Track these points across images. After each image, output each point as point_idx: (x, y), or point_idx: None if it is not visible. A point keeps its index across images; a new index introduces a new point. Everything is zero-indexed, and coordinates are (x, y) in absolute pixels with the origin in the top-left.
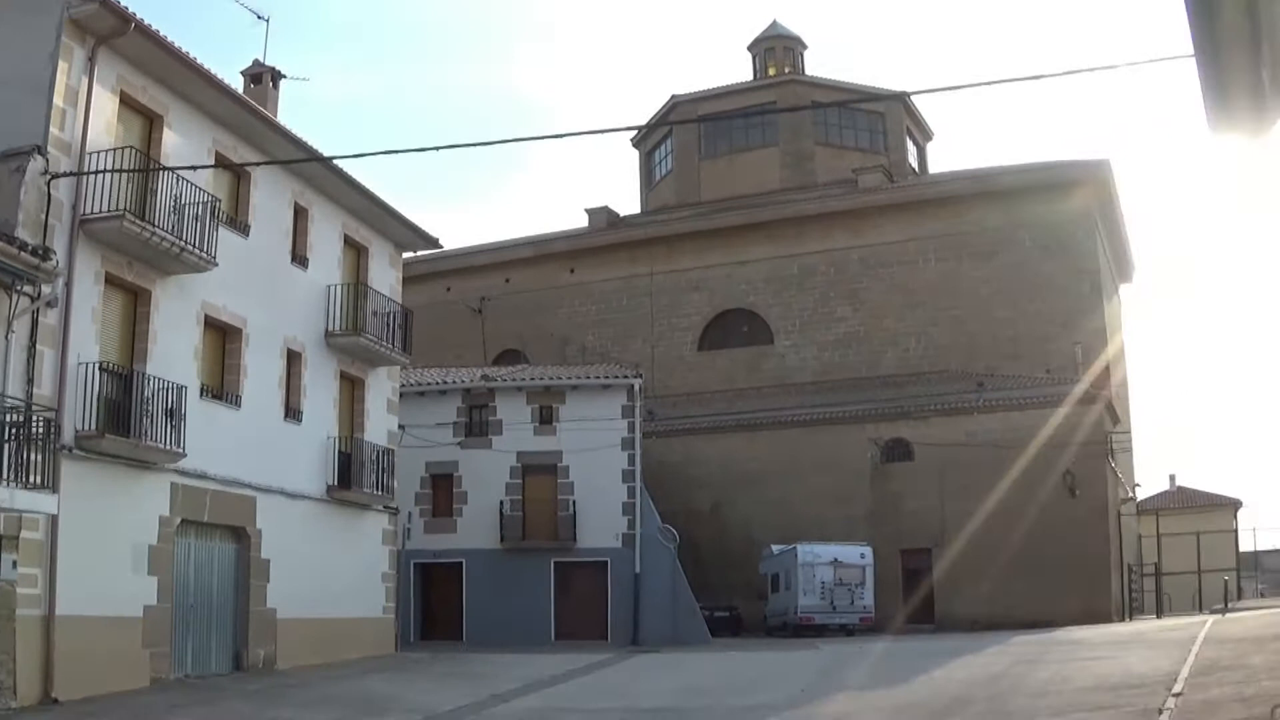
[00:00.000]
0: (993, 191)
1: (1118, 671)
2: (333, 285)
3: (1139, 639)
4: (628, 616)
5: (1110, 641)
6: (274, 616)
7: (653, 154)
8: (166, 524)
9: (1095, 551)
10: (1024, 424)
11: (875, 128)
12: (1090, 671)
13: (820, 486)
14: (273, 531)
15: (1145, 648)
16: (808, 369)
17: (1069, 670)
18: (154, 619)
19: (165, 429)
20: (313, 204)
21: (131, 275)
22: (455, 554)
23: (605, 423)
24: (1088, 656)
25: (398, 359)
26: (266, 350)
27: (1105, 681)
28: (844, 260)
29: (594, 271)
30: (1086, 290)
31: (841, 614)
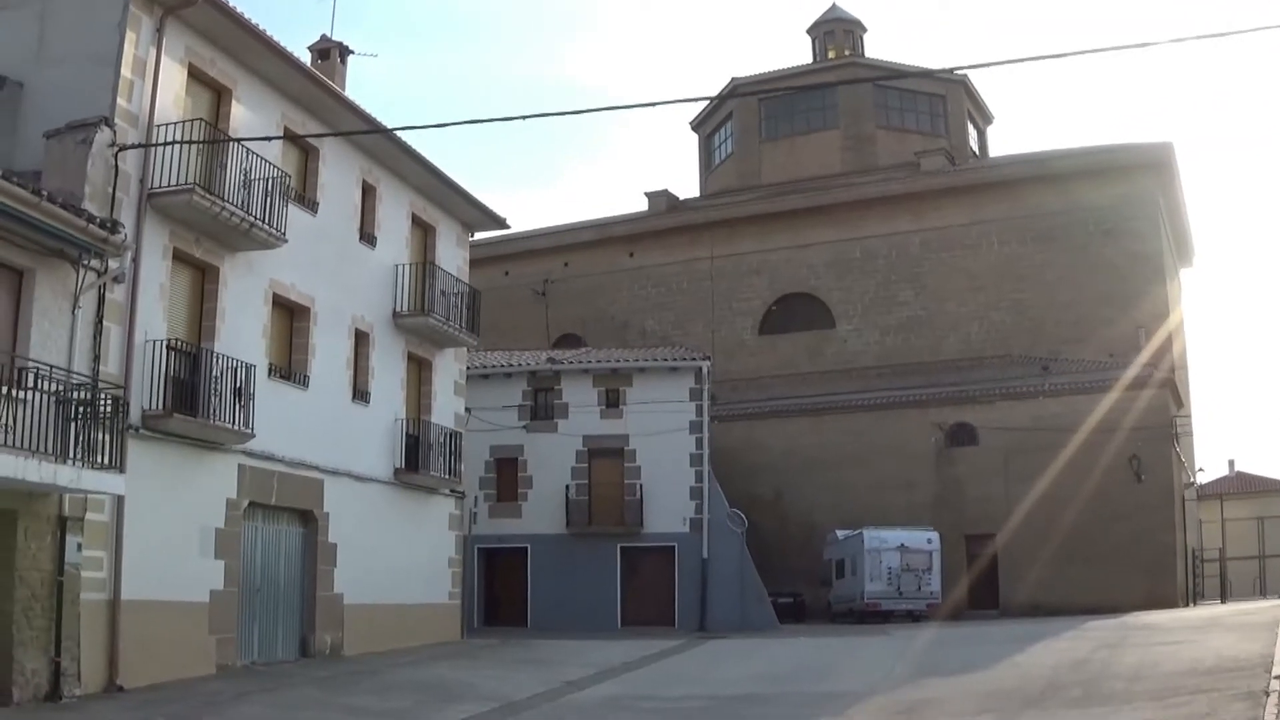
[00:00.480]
0: (1054, 175)
1: (1207, 655)
2: (400, 265)
3: (1216, 624)
4: (695, 603)
5: (1187, 626)
6: (341, 602)
7: (712, 138)
8: (234, 506)
9: (1161, 537)
10: (1089, 408)
11: (936, 110)
12: (1178, 656)
13: (884, 472)
14: (340, 515)
15: (1226, 632)
16: (869, 353)
17: (1155, 654)
18: (220, 604)
19: (233, 409)
20: (380, 181)
21: (199, 251)
22: (520, 539)
23: (672, 405)
24: (1169, 641)
25: (465, 340)
26: (334, 330)
27: (1198, 665)
28: (905, 244)
29: (654, 255)
30: (1149, 273)
31: (908, 600)
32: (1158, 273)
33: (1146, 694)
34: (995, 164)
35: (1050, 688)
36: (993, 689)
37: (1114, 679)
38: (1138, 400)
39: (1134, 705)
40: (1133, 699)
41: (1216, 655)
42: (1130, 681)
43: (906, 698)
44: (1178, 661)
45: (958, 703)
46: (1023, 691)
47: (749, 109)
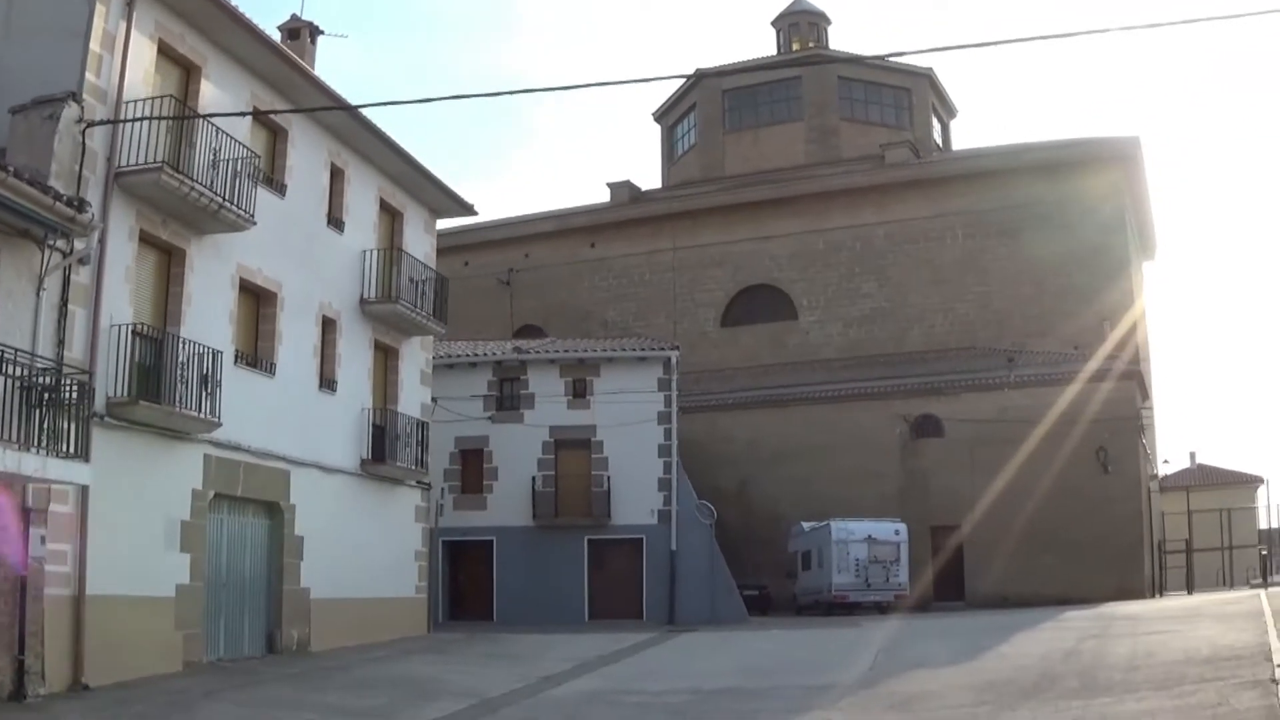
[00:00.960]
0: (1019, 168)
1: (1200, 645)
2: (368, 250)
3: (1196, 614)
4: (663, 595)
5: (1168, 617)
6: (307, 596)
7: (675, 129)
8: (200, 498)
9: (1128, 528)
10: (1055, 399)
11: (900, 103)
12: (1169, 646)
13: (849, 463)
14: (306, 507)
15: (1212, 622)
16: (832, 345)
17: (1145, 644)
18: (187, 599)
19: (200, 397)
20: (349, 165)
21: (166, 233)
22: (485, 532)
23: (640, 396)
24: (1155, 631)
25: (433, 328)
26: (302, 316)
27: (1193, 655)
28: (870, 236)
29: (616, 246)
30: (1113, 266)
31: (876, 591)
32: (1122, 266)
33: (1148, 683)
34: (960, 157)
35: (1045, 678)
36: (986, 680)
37: (1109, 669)
38: (1104, 392)
39: (1138, 695)
40: (1135, 688)
41: (1210, 645)
42: (1127, 671)
43: (899, 690)
44: (1171, 651)
45: (952, 694)
46: (1017, 682)
47: (712, 100)
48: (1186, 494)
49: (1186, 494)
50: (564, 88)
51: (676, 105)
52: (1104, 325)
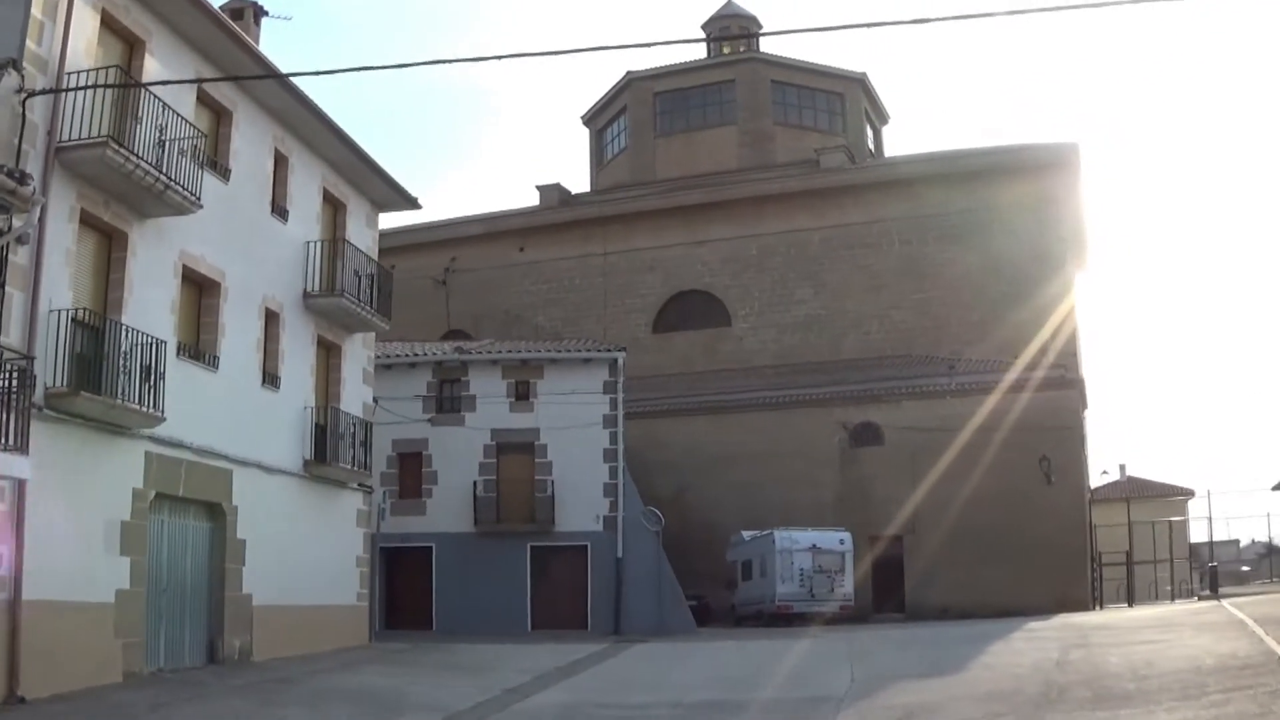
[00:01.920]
0: (959, 174)
1: (1200, 654)
2: (312, 242)
3: (1170, 624)
4: (609, 604)
5: (1142, 627)
6: (250, 603)
7: (604, 133)
8: (140, 498)
9: (1071, 539)
10: (998, 408)
11: (834, 108)
12: (1167, 655)
13: (788, 471)
14: (249, 509)
15: (1195, 632)
16: (767, 352)
17: (1139, 654)
18: (127, 605)
19: (142, 389)
20: (293, 152)
21: (108, 215)
22: (424, 538)
23: (585, 398)
24: (1140, 641)
25: (377, 324)
26: (245, 308)
27: (1199, 664)
28: (805, 241)
29: (546, 250)
30: (1053, 275)
31: (821, 602)
32: (1061, 274)
33: (1167, 692)
34: (898, 162)
35: (1050, 688)
36: (987, 691)
37: (1114, 679)
38: (1047, 400)
39: (1165, 705)
40: (1154, 698)
41: (1211, 654)
42: (1137, 681)
43: (898, 702)
44: (1171, 660)
45: (958, 706)
46: (1023, 693)
47: (644, 103)
48: (1127, 505)
49: (1127, 505)
50: (526, 54)
51: (606, 109)
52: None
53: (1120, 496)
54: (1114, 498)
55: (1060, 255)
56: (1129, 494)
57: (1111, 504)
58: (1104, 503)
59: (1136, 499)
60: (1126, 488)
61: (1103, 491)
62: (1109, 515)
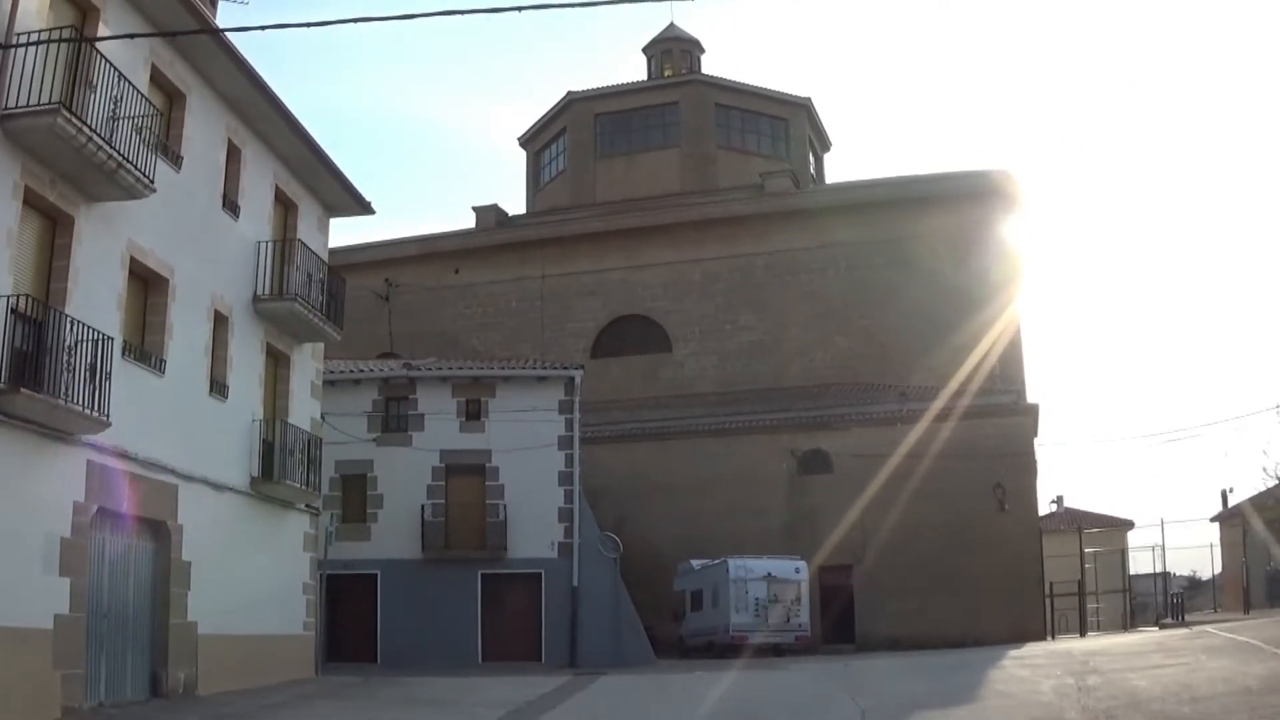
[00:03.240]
0: (905, 199)
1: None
2: (263, 242)
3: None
4: (564, 635)
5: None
6: (195, 632)
7: (541, 154)
8: (81, 512)
9: (1026, 568)
10: (949, 434)
11: (778, 133)
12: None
13: (733, 499)
14: (194, 528)
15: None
16: (708, 379)
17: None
18: (66, 632)
19: (87, 390)
20: (246, 143)
21: (54, 195)
22: (368, 565)
23: (540, 418)
24: (1151, 665)
25: (329, 334)
26: (193, 309)
27: (1240, 684)
28: (748, 266)
29: (481, 273)
30: (999, 301)
31: (776, 632)
32: (1009, 301)
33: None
34: (844, 188)
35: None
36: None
37: (1159, 701)
38: (999, 427)
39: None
40: None
41: (1247, 675)
42: (1188, 704)
43: None
44: (1207, 683)
45: None
46: None
47: (584, 124)
48: (1079, 535)
49: (1079, 535)
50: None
51: (544, 130)
52: (994, 363)
53: (1061, 527)
54: (1053, 529)
55: (1006, 281)
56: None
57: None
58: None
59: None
60: (1064, 518)
61: (1043, 522)
62: (1051, 546)
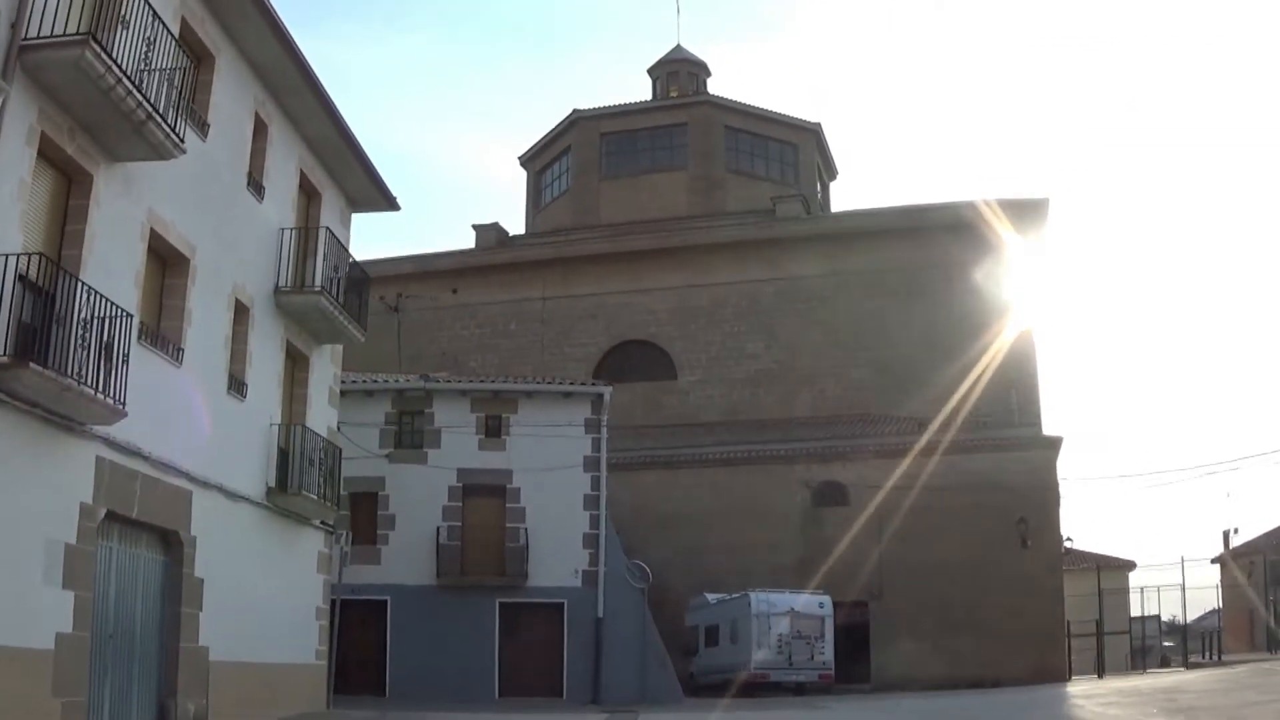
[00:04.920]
0: (918, 227)
1: None
2: (287, 229)
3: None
4: (587, 669)
5: (1217, 690)
6: (206, 658)
7: (543, 174)
8: (89, 516)
9: (1049, 607)
10: (970, 467)
11: (786, 159)
12: None
13: (744, 532)
14: (208, 541)
15: None
16: (714, 407)
17: None
18: (69, 653)
19: (102, 373)
20: (273, 120)
21: (72, 148)
22: (378, 590)
23: (564, 437)
24: (1246, 704)
25: (353, 334)
26: (213, 296)
27: None
28: (757, 293)
29: (480, 293)
30: (1017, 334)
31: (800, 670)
32: (1026, 332)
33: None
34: (856, 214)
35: None
36: None
37: None
38: (1023, 461)
39: None
40: None
41: None
42: None
43: None
44: None
45: None
46: None
47: (589, 144)
48: (1097, 573)
49: (1097, 573)
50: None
51: (547, 149)
52: (1011, 394)
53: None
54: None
55: (1026, 312)
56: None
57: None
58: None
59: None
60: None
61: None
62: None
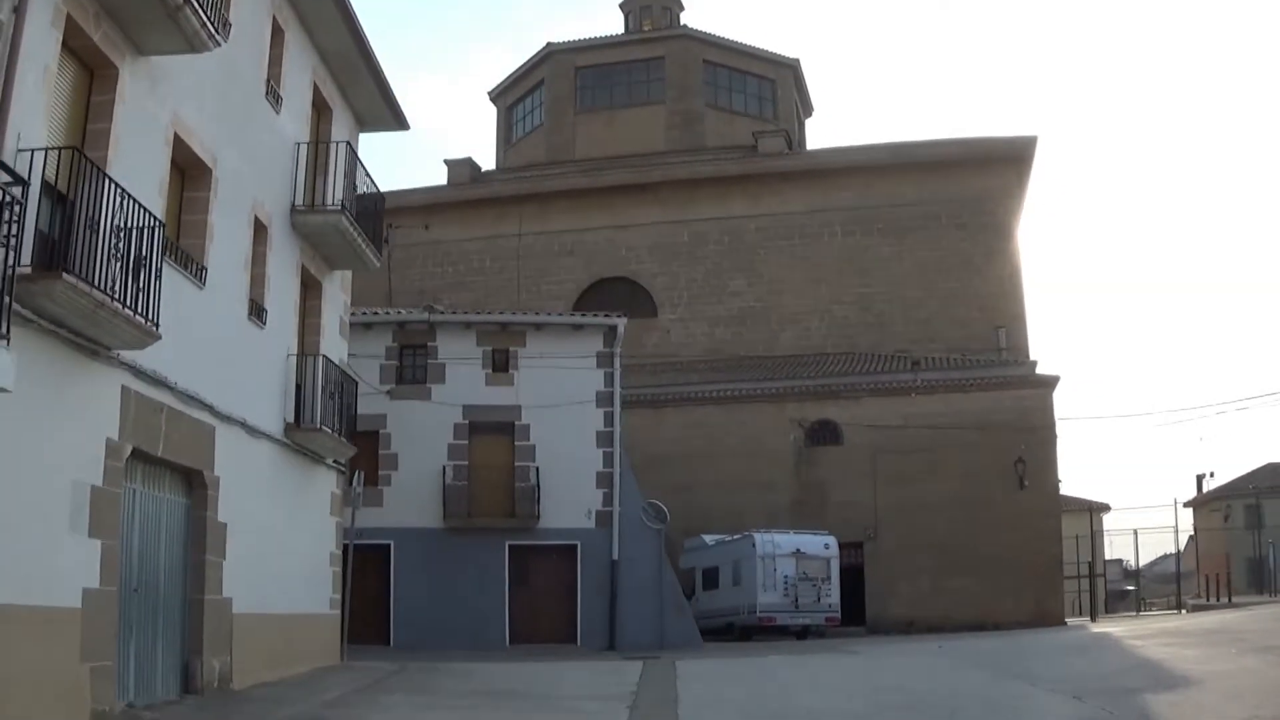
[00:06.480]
0: (908, 164)
1: None
2: (302, 143)
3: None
4: (602, 614)
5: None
6: (229, 611)
7: (514, 109)
8: (115, 454)
9: (1047, 548)
10: (965, 406)
11: (765, 94)
12: None
13: (735, 472)
14: (231, 482)
15: None
16: (696, 345)
17: None
18: (97, 612)
19: (132, 288)
20: (289, 25)
21: (98, 35)
22: (381, 534)
23: (576, 371)
24: None
25: (370, 259)
26: (235, 212)
27: None
28: (739, 229)
29: (453, 230)
30: (1007, 271)
31: (805, 613)
32: (1014, 271)
33: None
34: (840, 151)
35: None
36: None
37: None
38: (1018, 399)
39: None
40: None
41: None
42: None
43: None
44: None
45: None
46: None
47: (564, 77)
48: (1090, 515)
49: (1090, 515)
50: None
51: (519, 83)
52: (999, 333)
53: None
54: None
55: (1015, 252)
56: None
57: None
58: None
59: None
60: None
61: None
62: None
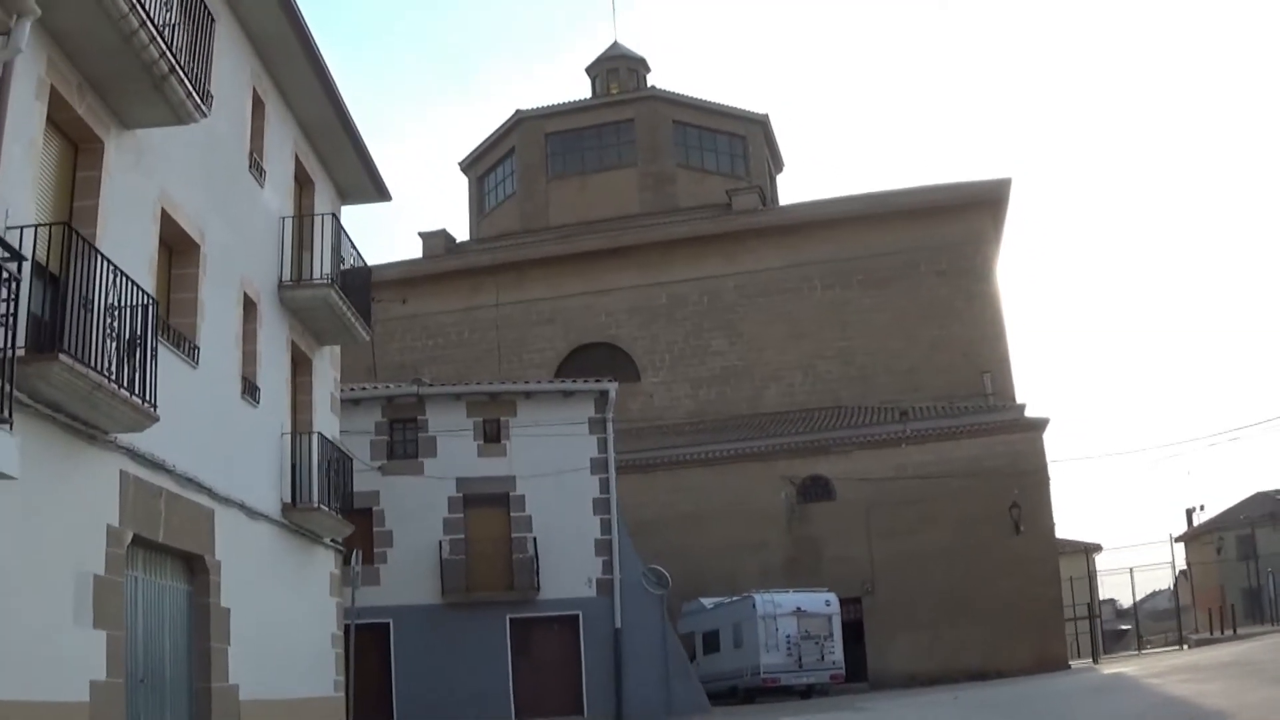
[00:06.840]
0: (883, 214)
1: None
2: (287, 218)
3: None
4: (607, 683)
5: None
6: (236, 698)
7: (485, 179)
8: (116, 541)
9: (1046, 591)
10: (957, 455)
11: (736, 151)
12: None
13: (728, 533)
14: (231, 566)
15: None
16: (680, 408)
17: None
18: (105, 705)
19: (127, 369)
20: (269, 97)
21: (82, 108)
22: (379, 612)
23: (569, 439)
24: None
25: (359, 333)
26: (223, 288)
27: None
28: (718, 289)
29: (431, 302)
30: (988, 315)
31: (810, 672)
32: (997, 314)
33: None
34: (814, 204)
35: None
36: None
37: None
38: (1010, 444)
39: None
40: None
41: None
42: None
43: None
44: None
45: None
46: None
47: (534, 144)
48: (1087, 556)
49: (1087, 556)
50: None
51: (489, 153)
52: (985, 378)
53: None
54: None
55: (995, 295)
56: None
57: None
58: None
59: None
60: None
61: None
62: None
